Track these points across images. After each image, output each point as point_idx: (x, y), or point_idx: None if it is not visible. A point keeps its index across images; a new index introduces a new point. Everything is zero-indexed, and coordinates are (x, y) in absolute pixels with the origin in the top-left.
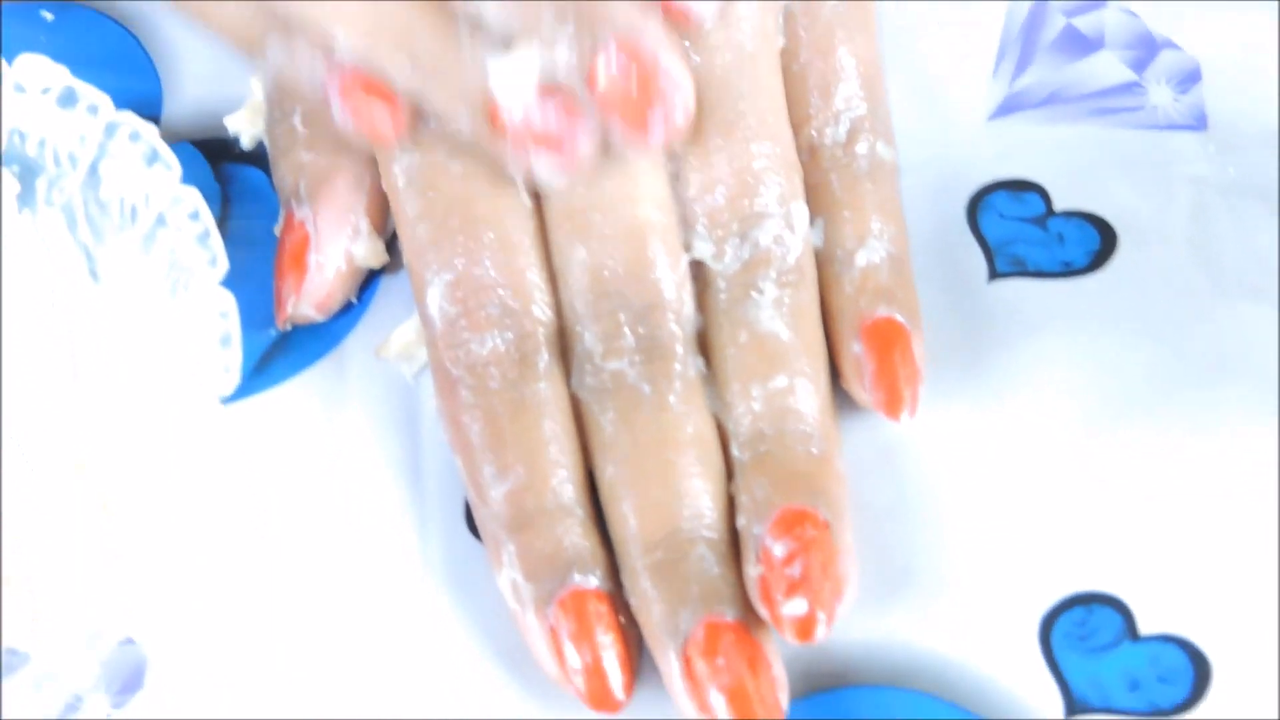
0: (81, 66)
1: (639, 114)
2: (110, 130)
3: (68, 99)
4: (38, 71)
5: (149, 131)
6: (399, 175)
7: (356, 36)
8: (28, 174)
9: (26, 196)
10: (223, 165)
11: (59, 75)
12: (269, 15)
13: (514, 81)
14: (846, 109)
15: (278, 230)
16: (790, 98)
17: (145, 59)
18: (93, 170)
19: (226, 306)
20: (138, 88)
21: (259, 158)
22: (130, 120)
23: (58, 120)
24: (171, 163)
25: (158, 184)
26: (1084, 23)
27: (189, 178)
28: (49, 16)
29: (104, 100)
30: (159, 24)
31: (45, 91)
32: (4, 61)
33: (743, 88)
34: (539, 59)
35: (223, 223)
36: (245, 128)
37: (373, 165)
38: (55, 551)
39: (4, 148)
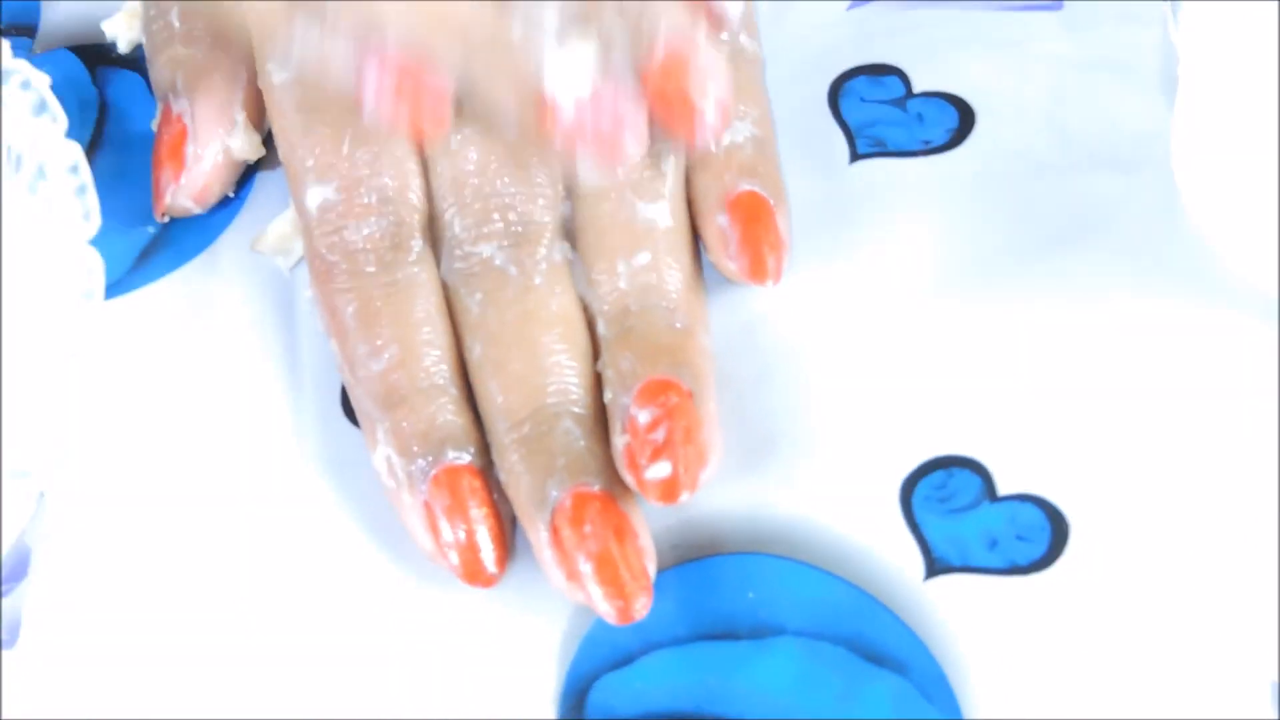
0: None
1: (685, 112)
2: (5, 76)
3: None
4: None
5: (40, 81)
6: (274, 71)
7: (411, 22)
8: None
9: None
10: (100, 69)
11: None
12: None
13: (569, 77)
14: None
15: (155, 125)
16: None
17: None
18: None
19: (93, 264)
20: None
21: (136, 62)
22: (24, 69)
23: None
24: (58, 115)
25: (44, 134)
26: None
27: (66, 83)
28: None
29: (1, 45)
30: None
31: None
32: None
33: None
34: (595, 55)
35: (100, 125)
36: (122, 32)
37: (249, 61)
38: None
39: None
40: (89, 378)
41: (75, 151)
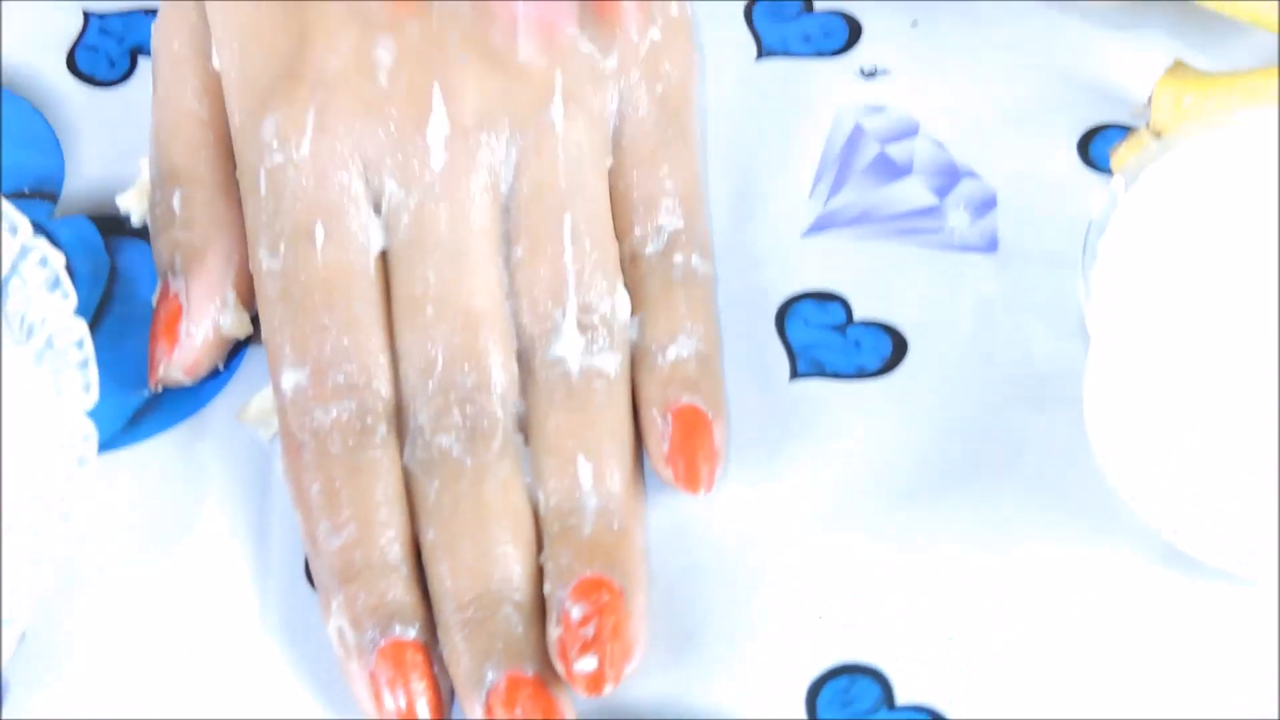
0: None
1: None
2: (24, 252)
3: None
4: None
5: (56, 260)
6: (264, 258)
7: None
8: None
9: None
10: (114, 238)
11: None
12: None
13: None
14: (666, 224)
15: (155, 299)
16: (616, 210)
17: (51, 138)
18: (2, 285)
19: (89, 433)
20: (43, 163)
21: (146, 233)
22: (42, 246)
23: None
24: (69, 292)
25: (55, 310)
26: (896, 150)
27: (82, 247)
28: None
29: (24, 224)
30: (66, 108)
31: None
32: None
33: (571, 194)
34: None
35: (109, 289)
36: (134, 206)
37: (242, 245)
38: None
39: None
40: (76, 524)
41: (81, 328)
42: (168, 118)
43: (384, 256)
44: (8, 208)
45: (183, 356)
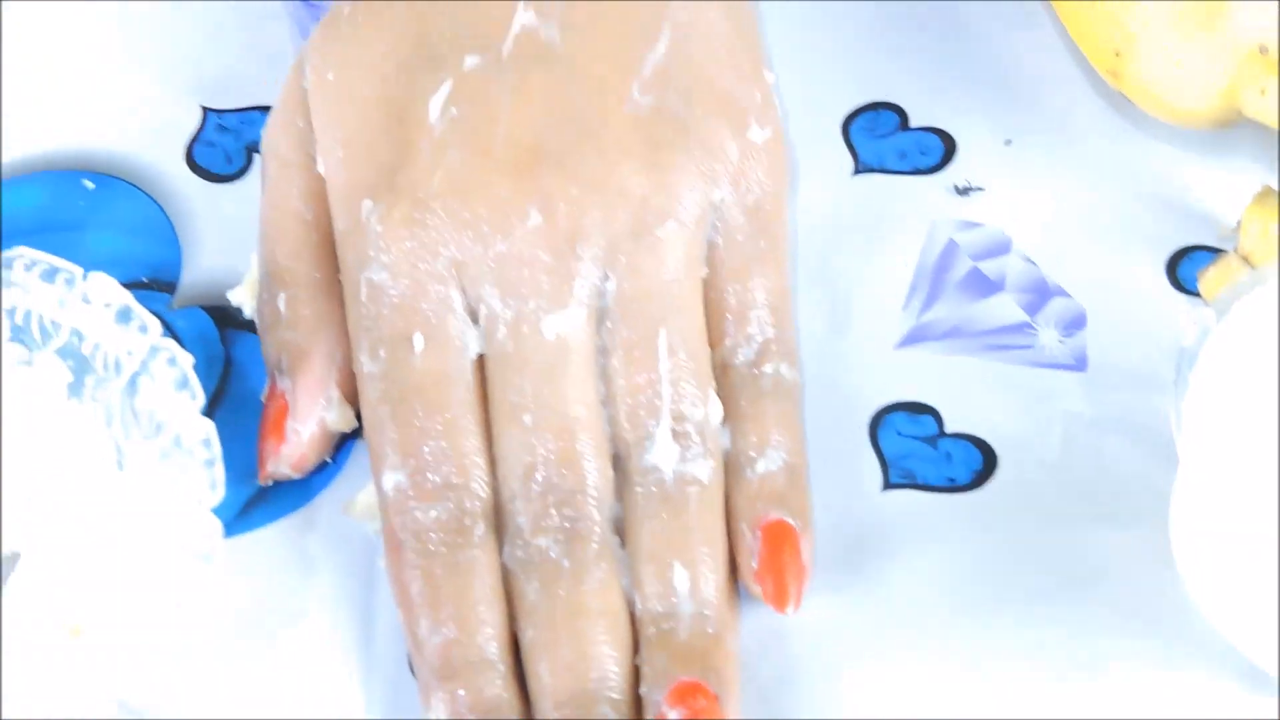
0: (115, 232)
1: None
2: (154, 351)
3: (124, 316)
4: (105, 289)
5: (185, 360)
6: (365, 362)
7: None
8: (80, 370)
9: (76, 388)
10: (228, 330)
11: (120, 295)
12: None
13: None
14: (757, 334)
15: (264, 397)
16: (709, 318)
17: (170, 231)
18: (132, 381)
19: (213, 530)
20: (162, 255)
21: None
22: (171, 347)
23: (112, 332)
24: (197, 392)
25: (182, 409)
26: (989, 266)
27: (198, 338)
28: (90, 185)
29: (154, 324)
30: (184, 201)
31: (107, 306)
32: (78, 273)
33: (667, 307)
34: None
35: (224, 380)
36: (246, 300)
37: (345, 344)
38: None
39: (64, 344)
40: (189, 612)
41: (208, 428)
42: (275, 218)
43: (481, 358)
44: (139, 308)
45: (290, 453)
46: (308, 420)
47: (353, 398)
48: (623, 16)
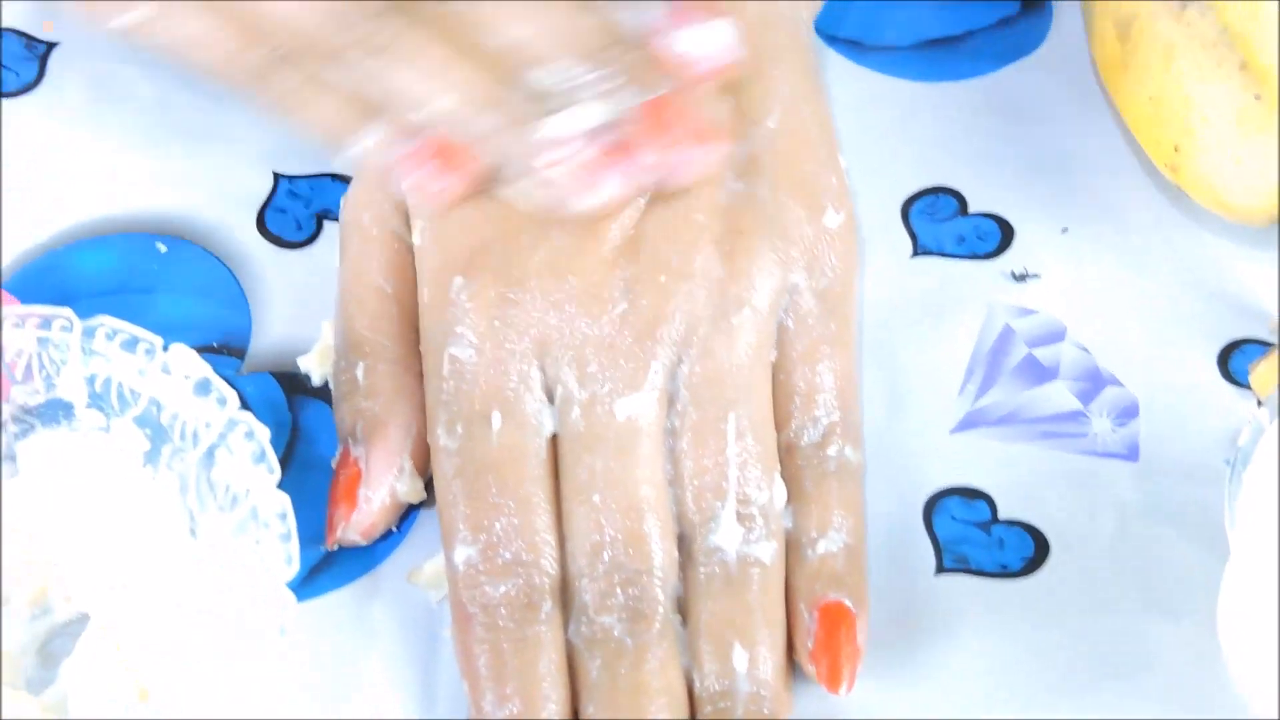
0: (186, 296)
1: (682, 151)
2: (231, 424)
3: (203, 388)
4: (184, 361)
5: (262, 434)
6: (442, 435)
7: (454, 99)
8: (157, 438)
9: (152, 455)
10: (296, 396)
11: (200, 368)
12: (361, 107)
13: (570, 128)
14: (823, 416)
15: (335, 463)
16: (776, 399)
17: (241, 296)
18: (209, 453)
19: (288, 602)
20: (232, 320)
21: (327, 393)
22: (248, 420)
23: (191, 404)
24: (274, 466)
25: (259, 483)
26: (1044, 353)
27: (266, 404)
28: (162, 248)
29: (232, 397)
30: (255, 267)
31: (186, 378)
32: (158, 344)
33: (738, 391)
34: (596, 113)
35: (291, 446)
36: (315, 368)
37: (420, 416)
38: None
39: (142, 412)
40: (257, 679)
41: (284, 502)
42: (355, 290)
43: (554, 436)
44: (218, 380)
45: (360, 520)
46: (380, 489)
47: (424, 469)
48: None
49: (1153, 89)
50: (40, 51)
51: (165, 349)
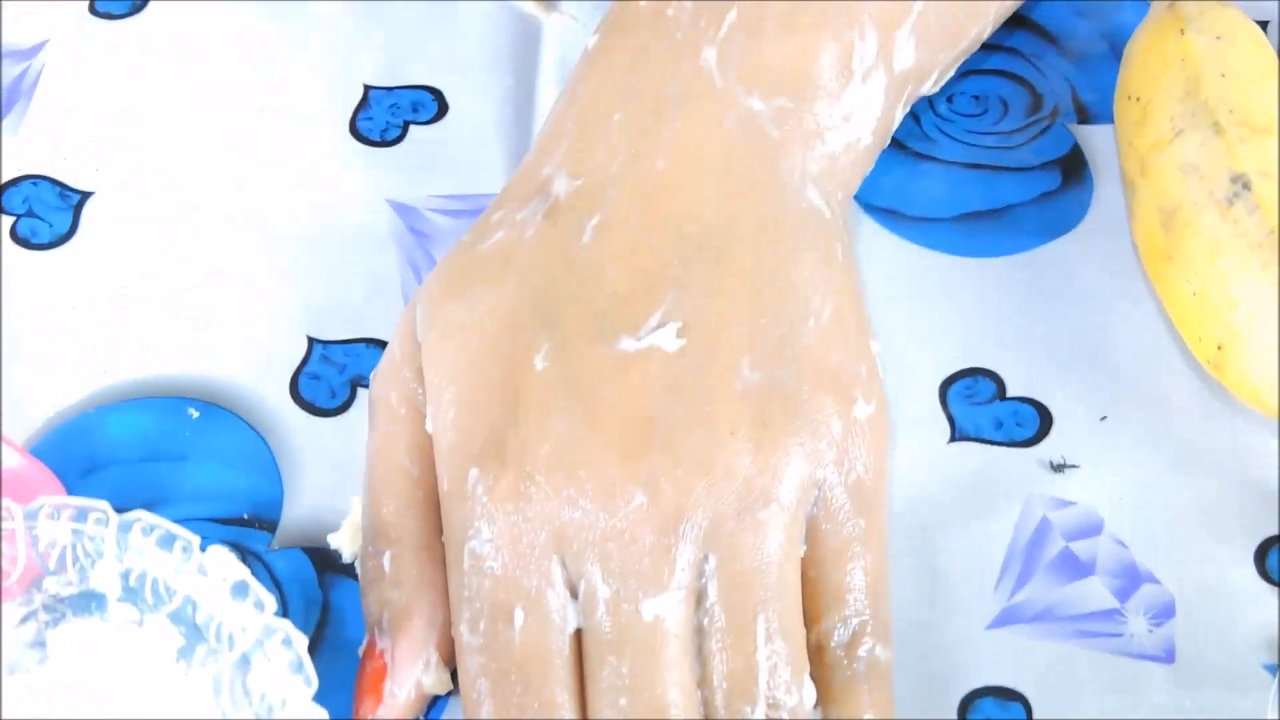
0: (217, 464)
1: None
2: (268, 631)
3: (240, 590)
4: (222, 562)
5: (300, 643)
6: (465, 632)
7: None
8: (192, 637)
9: (186, 652)
10: (327, 574)
11: (237, 570)
12: None
13: None
14: (853, 616)
15: (361, 652)
16: (805, 596)
17: (273, 465)
18: (244, 658)
19: None
20: (264, 490)
21: (356, 570)
22: (286, 628)
23: (227, 606)
24: (312, 678)
25: (295, 694)
26: (1080, 548)
27: (296, 581)
28: (194, 414)
29: (270, 601)
30: (288, 435)
31: (223, 580)
32: (195, 543)
33: (767, 591)
34: None
35: (321, 626)
36: (345, 545)
37: (445, 606)
38: None
39: (176, 609)
40: None
41: (323, 716)
42: (381, 473)
43: (579, 632)
44: (256, 584)
45: (386, 713)
46: (405, 683)
47: (450, 660)
48: (749, 296)
49: (1196, 284)
50: (74, 201)
51: (203, 549)
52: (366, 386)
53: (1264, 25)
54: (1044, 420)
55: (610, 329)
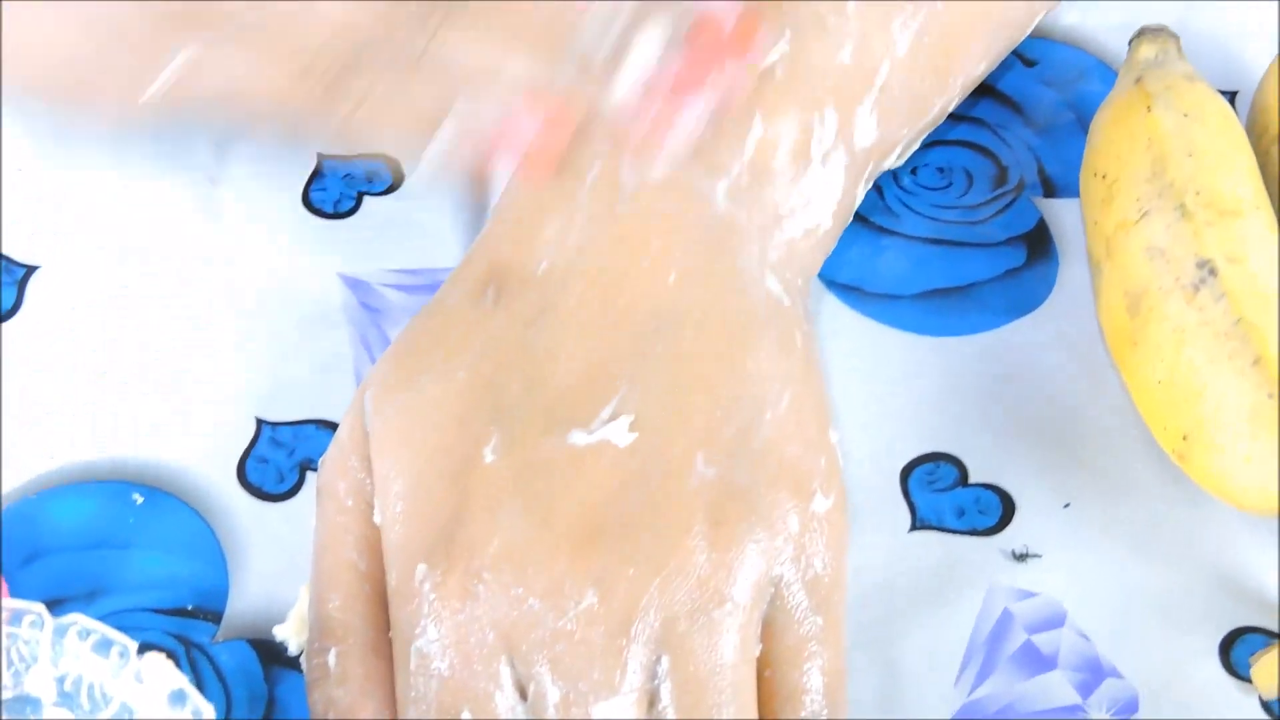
0: (162, 553)
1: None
2: None
3: (178, 699)
4: (159, 669)
5: None
6: None
7: (525, 61)
8: None
9: None
10: (273, 667)
11: (174, 679)
12: (432, 103)
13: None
14: (810, 717)
15: None
16: (761, 697)
17: (218, 553)
18: None
19: None
20: (209, 579)
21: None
22: None
23: (165, 714)
24: None
25: None
26: (1043, 640)
27: (241, 674)
28: (139, 499)
29: (208, 709)
30: (234, 520)
31: (161, 687)
32: (132, 649)
33: (720, 694)
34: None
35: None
36: (292, 636)
37: (392, 707)
38: None
39: (112, 717)
40: None
41: None
42: (328, 567)
43: None
44: (194, 692)
45: None
46: None
47: None
48: (704, 388)
49: (1162, 372)
50: (19, 276)
51: (139, 655)
52: (315, 470)
53: (1233, 95)
54: (1006, 507)
55: (561, 422)
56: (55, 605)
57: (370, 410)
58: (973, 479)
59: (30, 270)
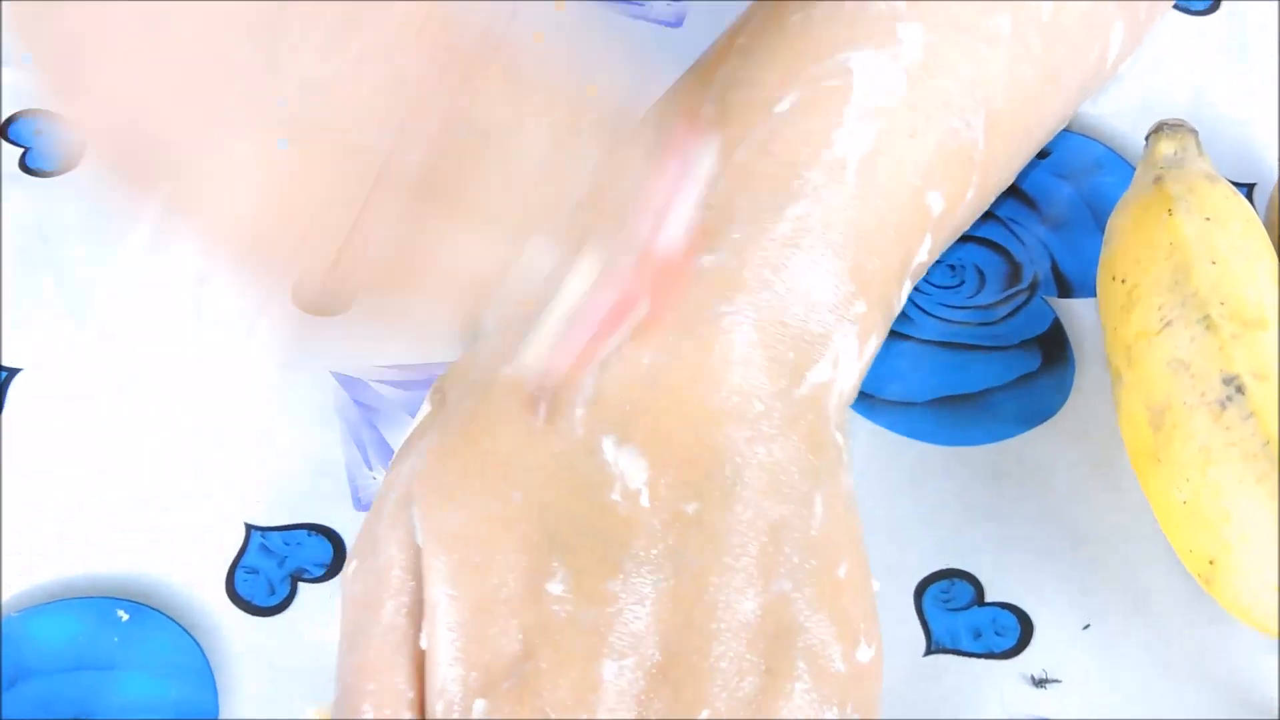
0: (148, 675)
1: None
2: None
3: None
4: None
5: None
6: None
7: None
8: None
9: None
10: None
11: None
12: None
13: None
14: None
15: None
16: None
17: (207, 673)
18: None
19: None
20: (197, 701)
21: None
22: None
23: None
24: None
25: None
26: None
27: None
28: (124, 615)
29: None
30: (222, 637)
31: None
32: None
33: None
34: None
35: None
36: None
37: None
38: None
39: None
40: None
41: None
42: (371, 691)
43: None
44: None
45: None
46: None
47: None
48: (758, 535)
49: (1187, 492)
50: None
51: None
52: (308, 580)
53: (1250, 188)
54: (1024, 628)
55: (621, 560)
56: None
57: (421, 527)
58: (989, 597)
59: (12, 373)
